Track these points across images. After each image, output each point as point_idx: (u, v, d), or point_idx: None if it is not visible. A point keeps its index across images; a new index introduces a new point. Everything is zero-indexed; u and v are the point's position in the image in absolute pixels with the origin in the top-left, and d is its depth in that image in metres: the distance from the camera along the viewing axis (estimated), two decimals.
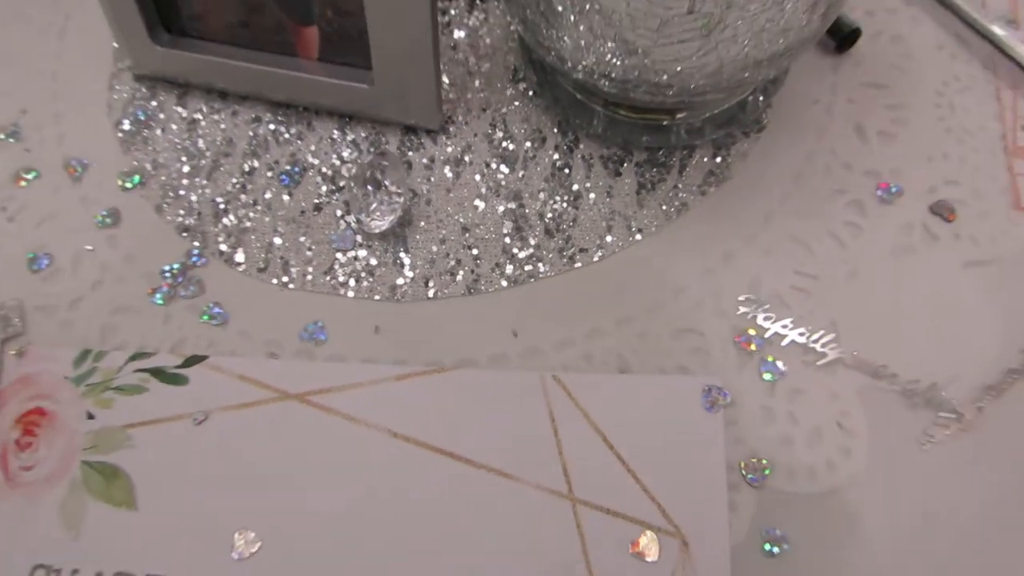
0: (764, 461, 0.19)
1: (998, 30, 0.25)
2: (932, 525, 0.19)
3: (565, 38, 0.20)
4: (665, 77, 0.20)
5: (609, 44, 0.19)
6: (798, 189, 0.23)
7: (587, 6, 0.19)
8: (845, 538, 0.19)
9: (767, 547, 0.19)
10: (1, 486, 0.20)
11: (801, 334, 0.21)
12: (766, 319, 0.21)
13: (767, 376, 0.20)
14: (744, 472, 0.19)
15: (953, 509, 0.19)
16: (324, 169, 0.24)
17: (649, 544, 0.18)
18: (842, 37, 0.25)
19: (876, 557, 0.18)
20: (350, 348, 0.21)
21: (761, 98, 0.24)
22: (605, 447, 0.19)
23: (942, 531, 0.19)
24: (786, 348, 0.21)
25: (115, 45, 0.26)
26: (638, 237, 0.22)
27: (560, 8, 0.19)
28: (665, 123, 0.23)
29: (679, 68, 0.19)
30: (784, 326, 0.21)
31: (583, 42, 0.20)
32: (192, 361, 0.21)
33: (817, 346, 0.21)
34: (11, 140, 0.25)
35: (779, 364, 0.21)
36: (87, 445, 0.20)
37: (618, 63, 0.20)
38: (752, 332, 0.21)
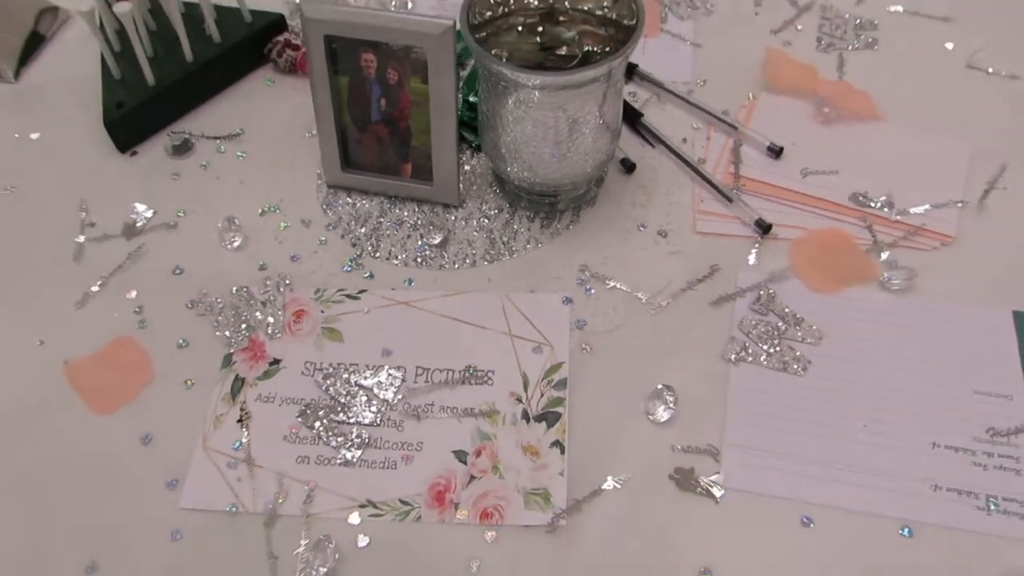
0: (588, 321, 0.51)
1: (693, 163, 0.58)
2: None
3: (507, 168, 0.53)
4: (547, 181, 0.53)
5: (525, 173, 0.52)
6: (608, 228, 0.56)
7: (513, 159, 0.52)
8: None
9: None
10: (289, 337, 0.51)
11: (607, 282, 0.53)
12: (591, 275, 0.53)
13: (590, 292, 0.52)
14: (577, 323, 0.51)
15: None
16: (413, 220, 0.57)
17: None
18: (629, 166, 0.58)
19: None
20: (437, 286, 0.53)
21: (594, 188, 0.57)
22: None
23: None
24: (600, 289, 0.53)
25: (319, 170, 0.60)
26: (539, 246, 0.55)
27: (504, 157, 0.52)
28: (554, 199, 0.56)
29: (551, 177, 0.52)
30: (596, 276, 0.53)
31: (511, 169, 0.53)
32: (361, 292, 0.53)
33: (612, 283, 0.53)
34: (277, 211, 0.58)
35: (592, 290, 0.52)
36: (322, 323, 0.52)
37: (528, 175, 0.53)
38: (584, 276, 0.53)
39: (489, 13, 0.52)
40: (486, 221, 0.56)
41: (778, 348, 0.49)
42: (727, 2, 0.70)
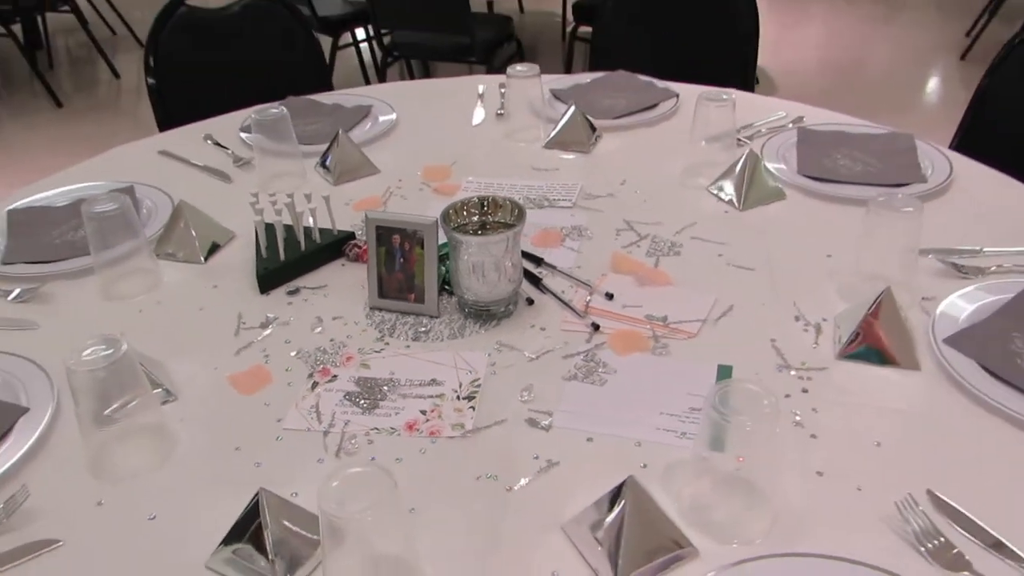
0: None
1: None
2: None
3: (462, 293, 1.04)
4: (480, 299, 1.03)
5: (470, 298, 1.03)
6: (516, 326, 1.05)
7: (463, 287, 1.03)
8: None
9: None
10: (343, 367, 0.99)
11: (513, 348, 1.01)
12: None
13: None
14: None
15: None
16: (414, 321, 1.06)
17: None
18: (530, 300, 1.09)
19: None
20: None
21: (511, 308, 1.07)
22: None
23: None
24: (507, 350, 1.01)
25: (366, 299, 1.11)
26: (476, 335, 1.04)
27: (459, 285, 1.03)
28: (488, 311, 1.06)
29: (484, 297, 1.03)
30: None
31: (464, 293, 1.04)
32: (383, 349, 1.02)
33: (517, 349, 1.01)
34: (342, 318, 1.09)
35: (501, 350, 1.00)
36: (360, 361, 1.00)
37: (470, 297, 1.03)
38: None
39: (455, 217, 1.06)
40: (451, 320, 1.06)
41: (592, 371, 0.96)
42: (600, 232, 1.24)
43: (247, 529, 0.75)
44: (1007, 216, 1.22)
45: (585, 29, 3.68)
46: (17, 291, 1.15)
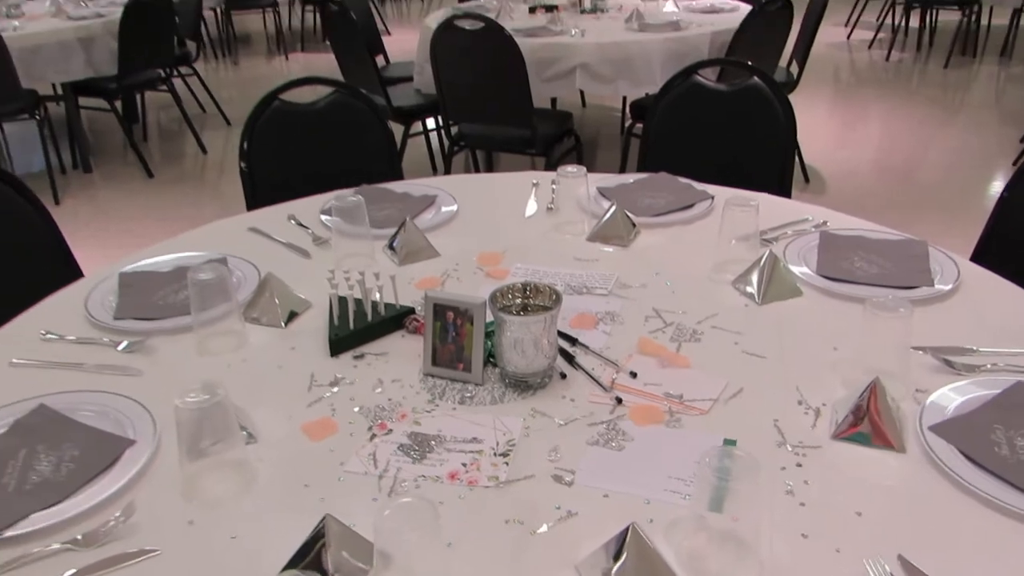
0: None
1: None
2: None
3: (504, 365, 1.20)
4: (518, 372, 1.19)
5: (511, 369, 1.19)
6: (550, 396, 1.20)
7: (504, 360, 1.19)
8: None
9: None
10: (399, 422, 1.15)
11: (545, 415, 1.16)
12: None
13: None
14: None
15: None
16: (461, 386, 1.22)
17: None
18: (562, 374, 1.24)
19: None
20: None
21: (547, 380, 1.22)
22: None
23: None
24: (539, 416, 1.16)
25: (421, 365, 1.27)
26: (514, 402, 1.19)
27: (501, 357, 1.19)
28: (525, 383, 1.21)
29: (522, 370, 1.19)
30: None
31: (505, 365, 1.20)
32: (433, 409, 1.17)
33: (549, 416, 1.16)
34: (400, 380, 1.25)
35: (535, 417, 1.15)
36: (413, 418, 1.16)
37: (511, 369, 1.19)
38: None
39: (501, 299, 1.22)
40: (493, 388, 1.22)
41: (612, 438, 1.10)
42: (630, 318, 1.39)
43: (312, 550, 0.90)
44: (1008, 322, 1.34)
45: (641, 126, 3.89)
46: (125, 343, 1.34)
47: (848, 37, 7.76)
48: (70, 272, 1.78)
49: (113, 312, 1.43)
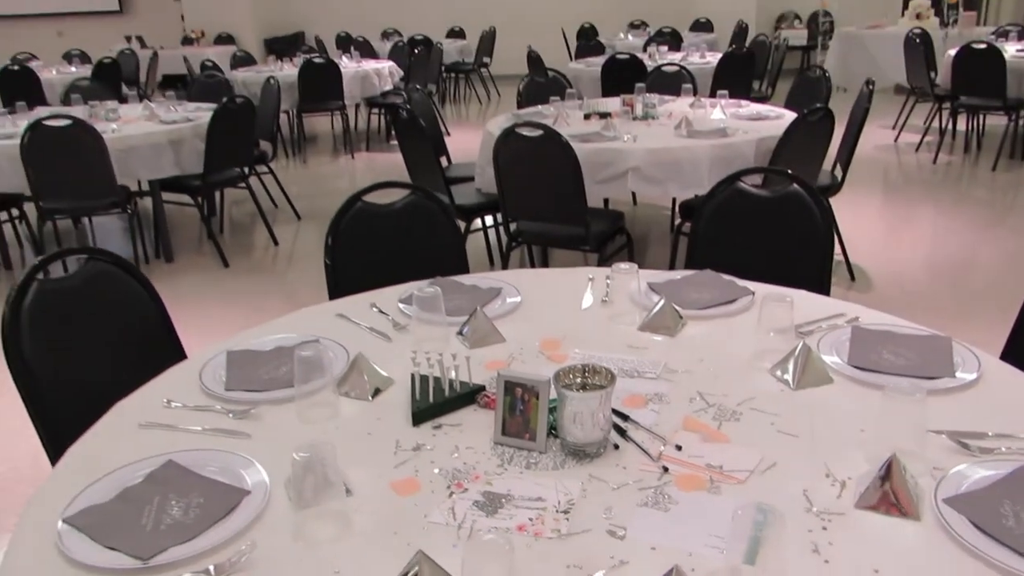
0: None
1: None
2: None
3: (565, 436, 1.37)
4: (579, 442, 1.36)
5: (569, 438, 1.36)
6: (607, 464, 1.37)
7: (566, 431, 1.36)
8: None
9: None
10: (473, 482, 1.33)
11: (599, 479, 1.33)
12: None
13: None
14: None
15: None
16: (526, 455, 1.40)
17: None
18: (616, 445, 1.41)
19: None
20: None
21: (602, 449, 1.39)
22: None
23: None
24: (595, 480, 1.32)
25: (492, 435, 1.46)
26: (575, 467, 1.36)
27: (563, 428, 1.37)
28: (583, 452, 1.38)
29: (582, 440, 1.36)
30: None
31: (566, 436, 1.37)
32: (503, 473, 1.35)
33: (603, 480, 1.32)
34: (474, 447, 1.43)
35: (592, 481, 1.32)
36: (485, 480, 1.33)
37: (571, 440, 1.36)
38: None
39: (563, 378, 1.41)
40: (555, 456, 1.39)
41: (659, 501, 1.26)
42: (676, 399, 1.56)
43: None
44: (1022, 412, 1.48)
45: (689, 225, 4.10)
46: (235, 411, 1.55)
47: (896, 140, 7.93)
48: (171, 348, 2.02)
49: (224, 384, 1.64)
